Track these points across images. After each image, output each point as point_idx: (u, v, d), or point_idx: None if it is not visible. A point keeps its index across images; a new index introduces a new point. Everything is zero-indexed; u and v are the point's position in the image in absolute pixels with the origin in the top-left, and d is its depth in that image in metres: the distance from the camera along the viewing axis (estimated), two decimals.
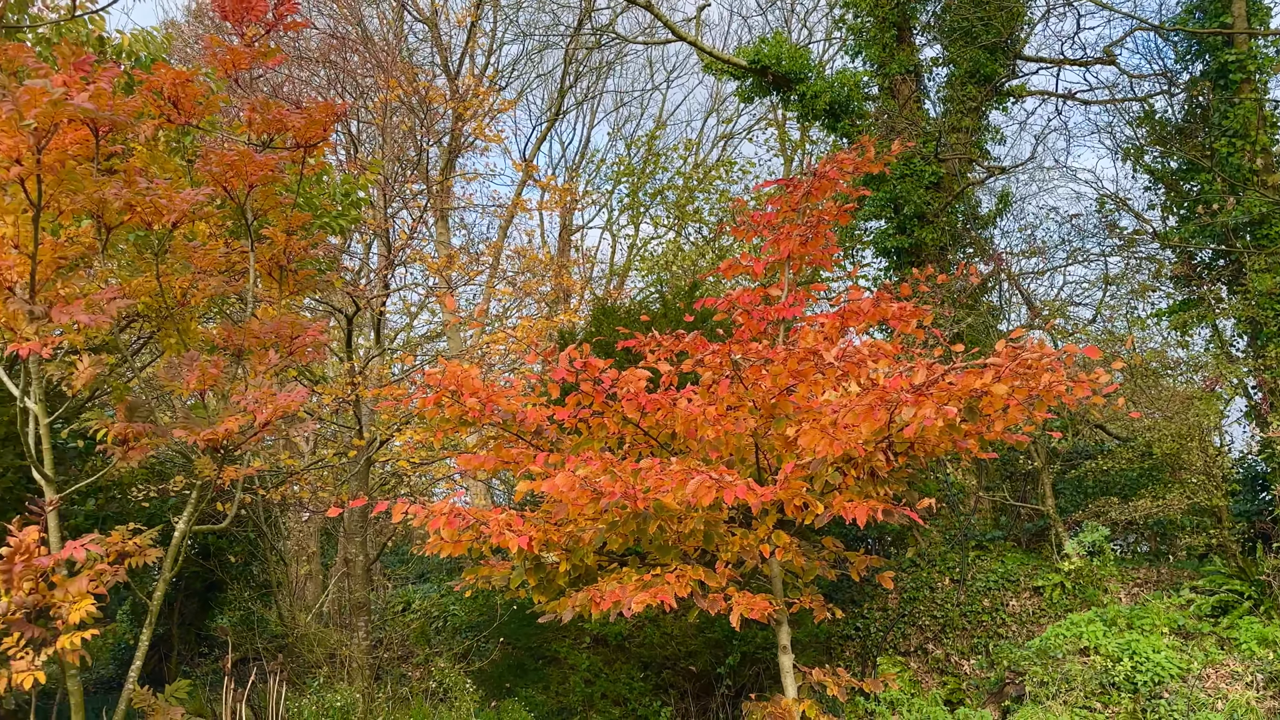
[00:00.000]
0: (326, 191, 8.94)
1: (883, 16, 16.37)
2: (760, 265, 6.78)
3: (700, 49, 16.46)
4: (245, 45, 6.87)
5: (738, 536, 4.80)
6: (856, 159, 6.90)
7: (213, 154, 6.00)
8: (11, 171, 4.29)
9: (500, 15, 21.20)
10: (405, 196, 14.25)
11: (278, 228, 7.25)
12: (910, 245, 15.41)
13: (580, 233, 23.99)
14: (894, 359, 5.32)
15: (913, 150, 15.65)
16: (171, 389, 5.60)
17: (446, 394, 5.65)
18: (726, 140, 24.61)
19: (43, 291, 4.77)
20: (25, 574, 4.74)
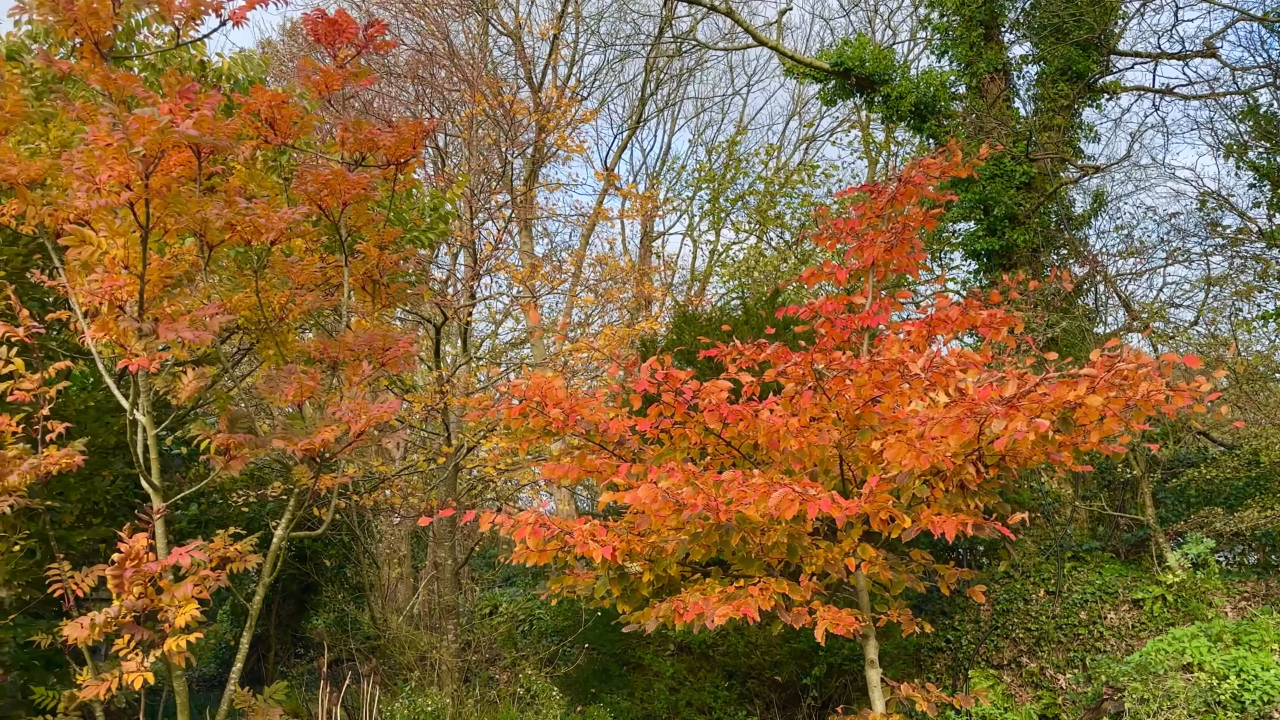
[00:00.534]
0: (415, 206, 9.16)
1: (969, 15, 16.05)
2: (844, 273, 6.70)
3: (782, 53, 16.38)
4: (338, 67, 7.08)
5: (822, 549, 4.76)
6: (943, 163, 6.78)
7: (308, 174, 6.20)
8: (122, 196, 4.52)
9: (582, 26, 21.44)
10: (490, 208, 14.51)
11: (370, 243, 7.45)
12: (1001, 247, 15.06)
13: (661, 239, 24.07)
14: (983, 368, 5.22)
15: (1002, 150, 15.30)
16: (271, 401, 5.81)
17: (531, 405, 5.73)
18: (809, 143, 24.41)
19: (151, 309, 5.01)
20: (135, 579, 4.98)
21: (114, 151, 4.37)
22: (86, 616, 4.97)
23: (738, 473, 4.46)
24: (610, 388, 6.91)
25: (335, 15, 7.06)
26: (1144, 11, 16.02)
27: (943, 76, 16.54)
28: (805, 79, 17.01)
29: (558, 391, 5.77)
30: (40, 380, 5.37)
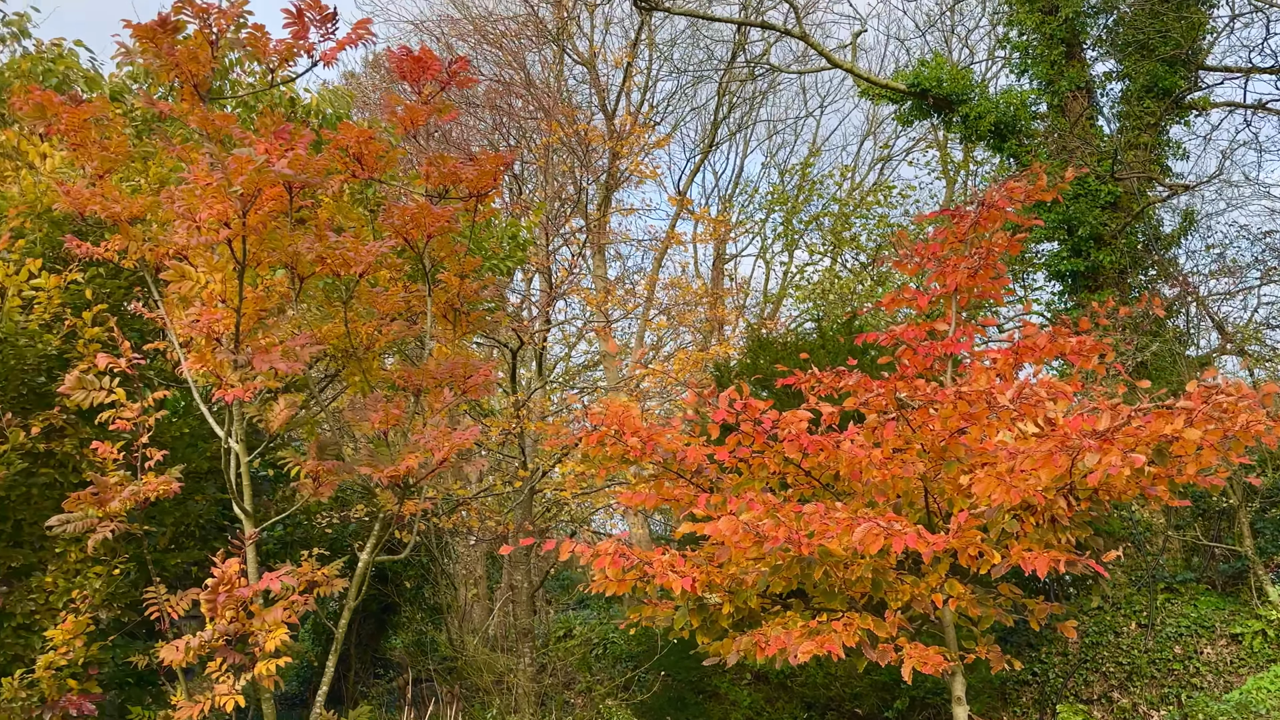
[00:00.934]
0: (494, 235, 9.31)
1: (1050, 33, 15.76)
2: (925, 299, 6.61)
3: (857, 75, 16.29)
4: (422, 103, 7.26)
5: (908, 584, 4.67)
6: (1028, 187, 6.66)
7: (394, 208, 6.36)
8: (220, 234, 4.70)
9: (655, 53, 21.60)
10: (565, 233, 14.67)
11: (452, 272, 7.60)
12: (1086, 268, 14.69)
13: (733, 261, 24.03)
14: (1073, 397, 5.09)
15: (1086, 170, 14.95)
16: (357, 428, 5.94)
17: (609, 433, 5.76)
18: (884, 163, 24.18)
19: (246, 341, 5.18)
20: (228, 604, 5.12)
21: (213, 191, 4.55)
22: (181, 640, 5.13)
23: (820, 505, 4.41)
24: (687, 416, 6.91)
25: (420, 52, 7.24)
26: (1233, 26, 15.54)
27: (1023, 95, 16.24)
28: (881, 100, 16.87)
29: (635, 420, 5.79)
30: (140, 409, 5.58)
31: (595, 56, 20.41)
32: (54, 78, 7.87)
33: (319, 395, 6.75)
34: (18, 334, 5.78)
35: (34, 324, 5.90)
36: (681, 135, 22.82)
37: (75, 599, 5.82)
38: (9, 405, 5.92)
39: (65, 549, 5.88)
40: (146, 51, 5.32)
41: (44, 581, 5.92)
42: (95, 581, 5.86)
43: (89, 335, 5.92)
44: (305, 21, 5.55)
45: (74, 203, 5.58)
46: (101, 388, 5.44)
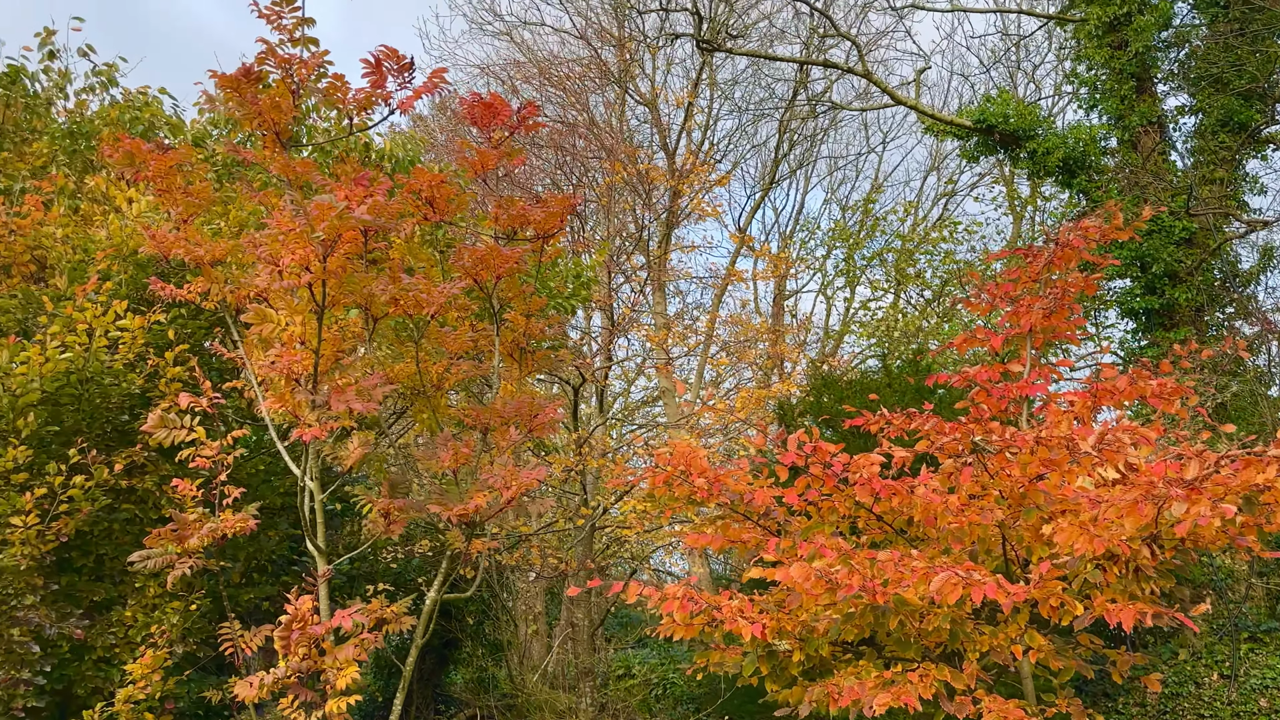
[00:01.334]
0: (558, 274, 9.41)
1: (1119, 68, 15.54)
2: (998, 339, 6.50)
3: (921, 111, 16.21)
4: (492, 147, 7.39)
5: (986, 635, 4.55)
6: (1103, 225, 6.54)
7: (464, 249, 6.46)
8: (302, 278, 4.82)
9: (716, 92, 21.74)
10: (627, 271, 14.76)
11: (518, 312, 7.69)
12: (1161, 306, 14.35)
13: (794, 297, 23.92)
14: (1155, 442, 4.94)
15: (1161, 206, 14.64)
16: (427, 467, 6.01)
17: (676, 473, 5.74)
18: (948, 198, 23.96)
19: (323, 382, 5.29)
20: (300, 641, 5.19)
21: (295, 236, 4.68)
22: (255, 676, 5.20)
23: (895, 552, 4.33)
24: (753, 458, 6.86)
25: (490, 99, 7.38)
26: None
27: (1092, 130, 16.00)
28: (946, 136, 16.75)
29: (702, 461, 5.76)
30: (219, 447, 5.72)
31: (657, 97, 20.62)
32: (140, 125, 8.17)
33: (389, 433, 6.84)
34: (103, 373, 5.97)
35: (119, 363, 6.10)
36: (742, 172, 22.88)
37: (154, 634, 5.95)
38: (94, 442, 6.11)
39: (145, 584, 6.02)
40: (230, 100, 5.51)
41: (124, 616, 6.05)
42: (173, 617, 5.98)
43: (170, 374, 6.09)
44: (383, 71, 5.70)
45: (159, 246, 5.77)
46: (182, 426, 5.59)
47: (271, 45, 5.61)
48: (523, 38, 21.14)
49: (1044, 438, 4.48)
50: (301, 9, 5.78)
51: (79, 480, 5.82)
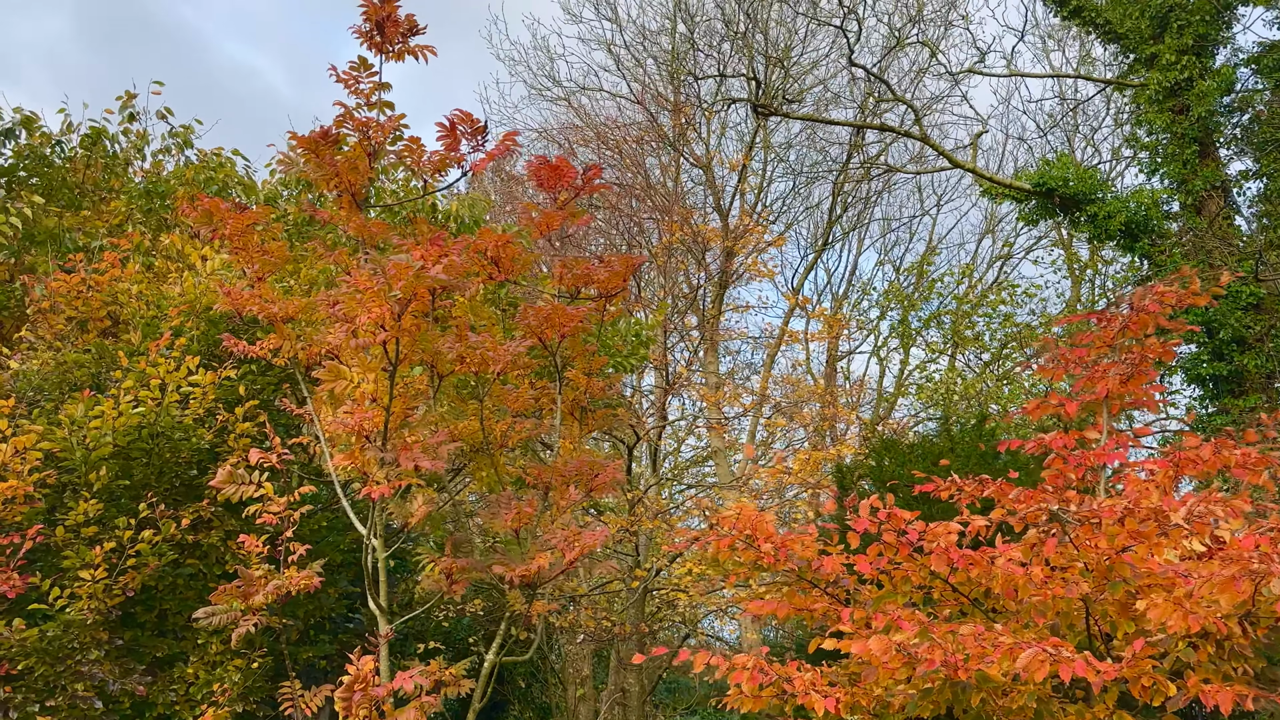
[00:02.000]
0: (618, 333, 9.43)
1: (1181, 132, 15.38)
2: (1073, 405, 6.35)
3: (979, 175, 16.15)
4: (558, 208, 7.47)
5: (1072, 714, 4.36)
6: (1179, 291, 6.39)
7: (529, 308, 6.50)
8: (378, 337, 4.86)
9: (770, 155, 21.90)
10: (682, 330, 14.77)
11: (579, 370, 7.69)
12: (1229, 373, 13.98)
13: (847, 358, 23.73)
14: (1243, 515, 4.74)
15: (1227, 270, 14.34)
16: (490, 527, 5.97)
17: (740, 538, 5.64)
18: (1004, 261, 23.73)
19: (392, 439, 5.30)
20: (362, 702, 5.13)
21: (373, 295, 4.73)
22: None
23: (978, 627, 4.17)
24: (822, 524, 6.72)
25: (557, 161, 7.48)
26: None
27: (1154, 194, 15.80)
28: (1003, 199, 16.65)
29: (768, 526, 5.65)
30: (286, 503, 5.74)
31: (711, 160, 20.82)
32: (214, 185, 8.40)
33: (451, 491, 6.83)
34: (174, 428, 6.05)
35: (189, 419, 6.18)
36: (795, 234, 22.90)
37: (215, 691, 5.93)
38: (162, 497, 6.17)
39: (207, 641, 6.02)
40: (309, 161, 5.63)
41: (185, 673, 6.04)
42: (234, 674, 5.96)
43: (239, 430, 6.16)
44: (457, 134, 5.80)
45: (233, 303, 5.87)
46: (251, 482, 5.63)
47: (349, 108, 5.75)
48: (580, 102, 21.56)
49: (1131, 508, 4.32)
50: (379, 74, 5.93)
51: (147, 535, 5.86)
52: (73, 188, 8.98)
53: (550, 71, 21.80)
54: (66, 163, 9.10)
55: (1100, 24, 16.30)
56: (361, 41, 5.96)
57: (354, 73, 5.86)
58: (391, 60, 6.01)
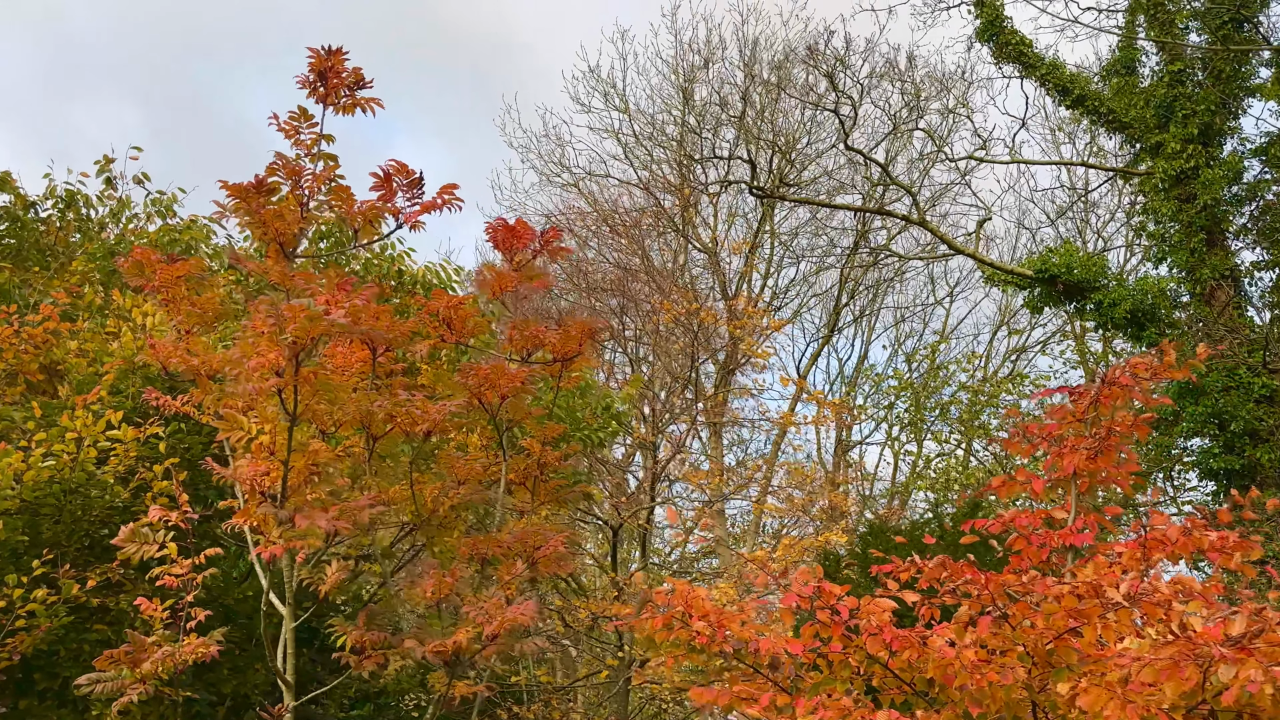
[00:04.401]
0: (588, 404, 9.14)
1: (1188, 221, 15.13)
2: (1041, 483, 5.95)
3: (981, 261, 15.93)
4: (513, 269, 7.28)
5: None
6: (1154, 363, 6.03)
7: (468, 367, 6.26)
8: (269, 382, 4.61)
9: (776, 241, 21.84)
10: (675, 411, 14.46)
11: (535, 439, 7.39)
12: (1242, 467, 13.42)
13: (858, 449, 23.21)
14: (1214, 601, 4.31)
15: (1236, 360, 13.92)
16: (409, 597, 5.61)
17: (675, 616, 5.23)
18: (1019, 354, 23.33)
19: (295, 497, 5.00)
20: None
21: (266, 339, 4.50)
22: None
23: (893, 714, 3.75)
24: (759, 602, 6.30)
25: (516, 223, 7.33)
26: None
27: (1161, 283, 15.48)
28: (1008, 287, 16.39)
29: (704, 603, 5.25)
30: (191, 565, 5.42)
31: (717, 245, 20.80)
32: (178, 246, 8.30)
33: (385, 562, 6.48)
34: (89, 484, 5.79)
35: (108, 475, 5.92)
36: (802, 321, 22.69)
37: None
38: (71, 556, 5.87)
39: (102, 712, 5.64)
40: (239, 209, 5.48)
41: None
42: None
43: (158, 489, 5.89)
44: (393, 186, 5.64)
45: (158, 357, 5.67)
46: (153, 542, 5.33)
47: (286, 157, 5.62)
48: (589, 189, 21.73)
49: (1069, 583, 3.91)
50: (320, 125, 5.81)
51: (40, 594, 5.55)
52: (44, 250, 8.94)
53: (560, 158, 22.02)
54: (40, 224, 9.09)
55: (1104, 113, 16.23)
56: (307, 92, 5.87)
57: (294, 123, 5.74)
58: (339, 113, 5.90)
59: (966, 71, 18.47)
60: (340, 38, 6.50)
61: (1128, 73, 16.51)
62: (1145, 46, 16.51)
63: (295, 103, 5.71)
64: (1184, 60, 15.45)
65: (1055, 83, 16.34)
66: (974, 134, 15.09)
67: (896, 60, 17.74)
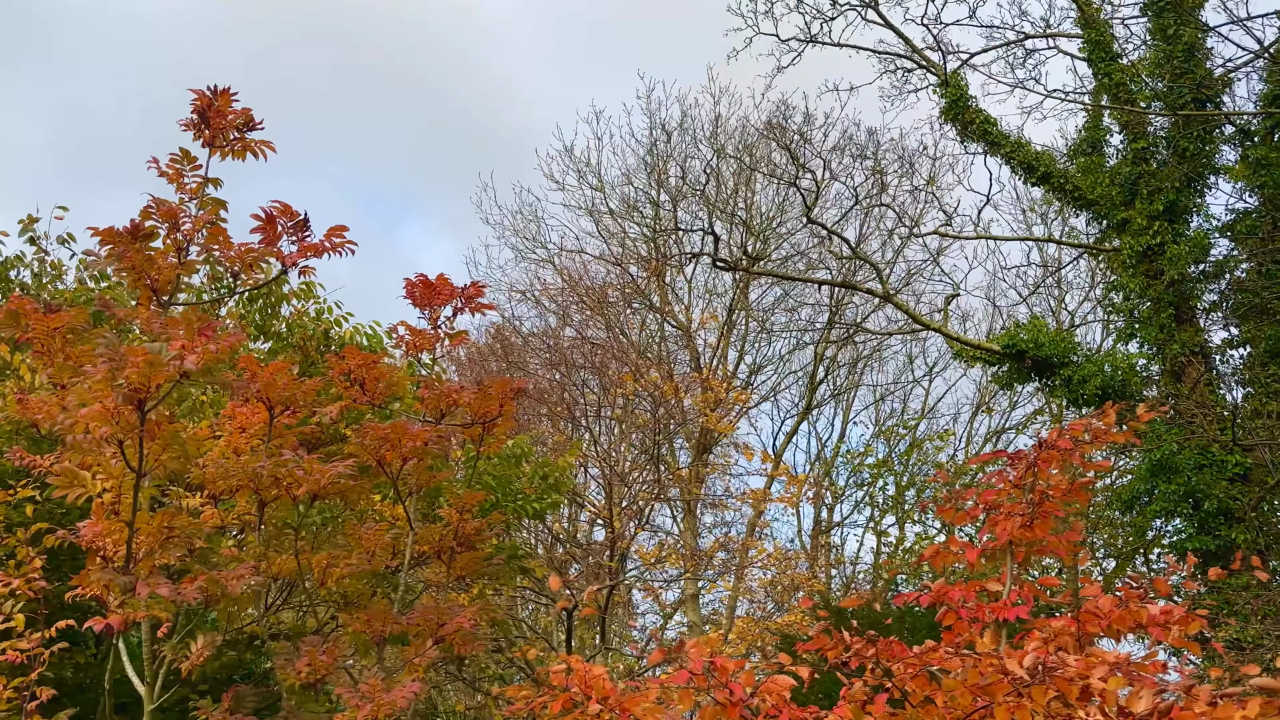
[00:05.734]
0: (523, 474, 8.71)
1: (1156, 297, 14.94)
2: (974, 553, 5.53)
3: (949, 336, 15.69)
4: (432, 326, 6.95)
5: None
6: (1093, 425, 5.67)
7: (367, 426, 5.87)
8: (102, 431, 4.21)
9: (751, 318, 21.63)
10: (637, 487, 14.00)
11: (453, 507, 6.97)
12: (1217, 547, 12.95)
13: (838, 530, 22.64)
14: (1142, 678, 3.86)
15: (1208, 438, 13.55)
16: (282, 676, 5.12)
17: (573, 698, 4.75)
18: (998, 435, 22.95)
19: (145, 562, 4.55)
20: None
21: (103, 384, 4.12)
22: None
23: None
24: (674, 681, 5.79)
25: (435, 279, 7.03)
26: None
27: (1130, 358, 15.22)
28: (976, 361, 16.11)
29: (603, 684, 4.77)
30: (41, 639, 4.94)
31: (691, 322, 20.59)
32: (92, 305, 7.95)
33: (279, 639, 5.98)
34: None
35: None
36: (778, 398, 22.33)
37: None
38: None
39: None
40: (111, 257, 5.15)
41: None
42: None
43: (21, 555, 5.43)
44: (276, 228, 5.34)
45: (24, 412, 5.26)
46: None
47: (164, 200, 5.31)
48: (563, 264, 21.59)
49: (971, 657, 3.48)
50: (204, 169, 5.53)
51: None
52: None
53: (535, 234, 21.95)
54: None
55: (1071, 190, 16.19)
56: (194, 136, 5.60)
57: (177, 165, 5.46)
58: (225, 156, 5.62)
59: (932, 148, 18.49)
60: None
61: (1094, 151, 16.53)
62: (1110, 126, 16.57)
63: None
64: (1148, 139, 15.46)
65: (1021, 160, 16.33)
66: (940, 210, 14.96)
67: (859, 137, 17.77)
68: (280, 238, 5.31)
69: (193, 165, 5.43)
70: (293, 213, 5.30)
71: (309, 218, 5.31)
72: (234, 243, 5.16)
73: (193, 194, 5.46)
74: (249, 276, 5.22)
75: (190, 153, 5.42)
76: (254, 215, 5.30)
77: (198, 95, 5.45)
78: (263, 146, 5.60)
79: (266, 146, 5.61)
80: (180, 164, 5.41)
